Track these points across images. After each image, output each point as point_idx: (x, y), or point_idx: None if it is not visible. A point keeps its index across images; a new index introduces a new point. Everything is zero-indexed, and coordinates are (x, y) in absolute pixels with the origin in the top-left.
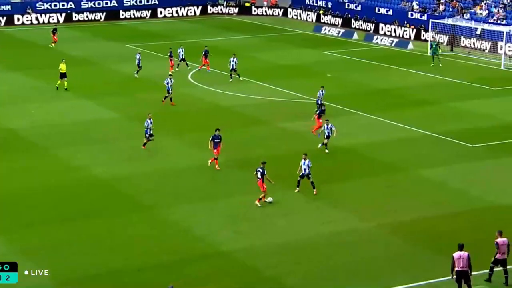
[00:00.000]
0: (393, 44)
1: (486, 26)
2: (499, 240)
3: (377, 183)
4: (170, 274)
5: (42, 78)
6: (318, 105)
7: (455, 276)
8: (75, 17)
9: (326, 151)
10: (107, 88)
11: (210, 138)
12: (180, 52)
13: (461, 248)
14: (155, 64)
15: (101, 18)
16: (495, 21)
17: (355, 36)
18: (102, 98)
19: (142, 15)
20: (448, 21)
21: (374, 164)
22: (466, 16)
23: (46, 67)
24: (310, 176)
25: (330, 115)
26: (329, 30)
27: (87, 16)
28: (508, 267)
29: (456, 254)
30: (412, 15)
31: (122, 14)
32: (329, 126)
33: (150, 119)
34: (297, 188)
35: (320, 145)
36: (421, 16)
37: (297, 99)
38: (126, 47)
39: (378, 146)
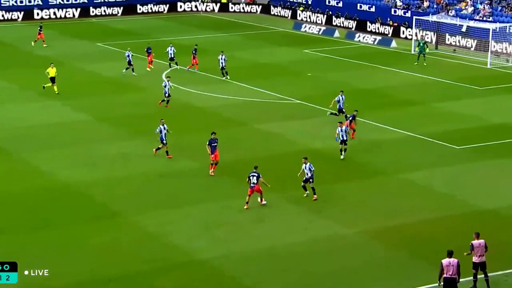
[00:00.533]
0: (375, 42)
1: (471, 23)
2: (475, 242)
3: (359, 187)
4: (142, 284)
5: (5, 79)
6: (341, 111)
7: (442, 283)
8: (37, 14)
9: (341, 157)
10: (77, 89)
11: (207, 143)
12: (169, 50)
13: (450, 254)
14: (126, 64)
15: (74, 15)
16: (481, 18)
17: (337, 33)
18: (72, 100)
19: (114, 12)
20: (433, 18)
21: (356, 167)
22: (451, 13)
23: (11, 67)
24: (311, 180)
25: (311, 116)
26: (309, 28)
27: (54, 13)
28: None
29: (445, 261)
30: (395, 11)
31: (93, 11)
32: (343, 128)
33: (163, 125)
34: (306, 192)
35: (342, 156)
36: (404, 13)
37: (276, 99)
38: (96, 45)
39: (360, 148)
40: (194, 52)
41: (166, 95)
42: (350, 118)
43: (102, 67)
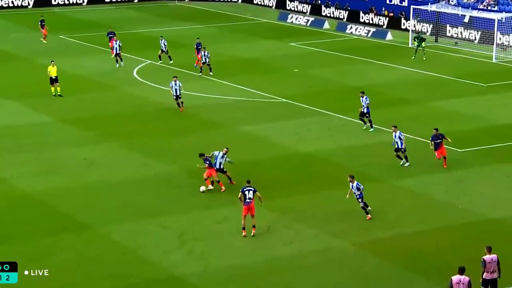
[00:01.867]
0: (369, 35)
1: (475, 13)
2: (487, 257)
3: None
4: None
5: None
6: (365, 114)
7: None
8: None
9: (403, 163)
10: (37, 87)
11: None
12: (161, 43)
13: (462, 271)
14: (94, 58)
15: (28, 4)
16: (485, 7)
17: (326, 25)
18: (31, 99)
19: (79, 1)
20: (432, 7)
21: (347, 172)
22: (452, 1)
23: None
24: (359, 200)
25: (299, 116)
26: (296, 19)
27: (12, 2)
28: None
29: (455, 278)
30: (391, 1)
31: (55, 0)
32: (397, 134)
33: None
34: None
35: (404, 163)
36: (401, 2)
37: (260, 98)
38: (59, 38)
39: (352, 151)
40: (196, 46)
41: (174, 97)
42: (436, 140)
43: (67, 62)
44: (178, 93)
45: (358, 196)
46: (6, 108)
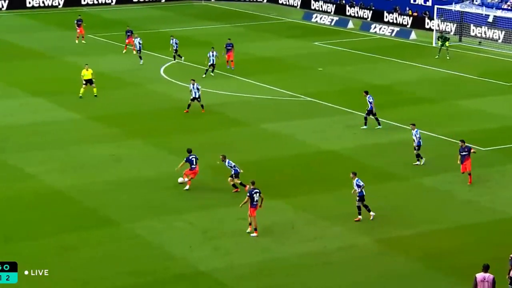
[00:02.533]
0: (393, 34)
1: (499, 13)
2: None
3: (375, 192)
4: None
5: None
6: (371, 112)
7: None
8: (29, 2)
9: (419, 162)
10: (66, 85)
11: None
12: (172, 43)
13: (486, 269)
14: (121, 57)
15: (59, 4)
16: (509, 7)
17: (350, 24)
18: (59, 96)
19: (107, 1)
20: (456, 7)
21: (370, 170)
22: (476, 1)
23: None
24: (357, 197)
25: (322, 115)
26: (320, 18)
27: (43, 2)
28: None
29: (479, 276)
30: (415, 0)
31: (84, 0)
32: (414, 133)
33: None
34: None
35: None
36: (425, 1)
37: (284, 96)
38: (87, 37)
39: (376, 149)
40: (226, 46)
41: (192, 98)
42: (462, 153)
43: (94, 61)
44: (196, 95)
45: (358, 194)
46: (34, 105)
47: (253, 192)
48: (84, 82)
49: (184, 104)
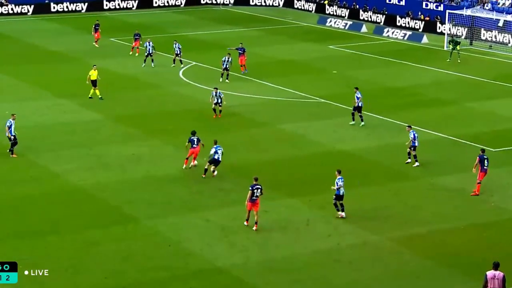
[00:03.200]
0: (405, 38)
1: (509, 18)
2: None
3: (388, 191)
4: None
5: (16, 75)
6: (357, 108)
7: None
8: (54, 7)
9: (410, 161)
10: (88, 86)
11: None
12: (175, 47)
13: (496, 266)
14: (142, 59)
15: (82, 8)
16: None
17: (364, 28)
18: (84, 98)
19: (128, 6)
20: (467, 12)
21: (384, 170)
22: (487, 6)
23: (22, 63)
24: (334, 196)
25: (337, 116)
26: (335, 22)
27: (67, 7)
28: None
29: (490, 273)
30: (427, 5)
31: (106, 5)
32: (413, 133)
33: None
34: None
35: (410, 160)
36: (437, 6)
37: (300, 98)
38: (110, 40)
39: (388, 150)
40: (241, 51)
41: (214, 104)
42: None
43: (115, 63)
44: (219, 101)
45: (336, 192)
46: (59, 106)
47: (254, 188)
48: (92, 83)
49: (203, 106)
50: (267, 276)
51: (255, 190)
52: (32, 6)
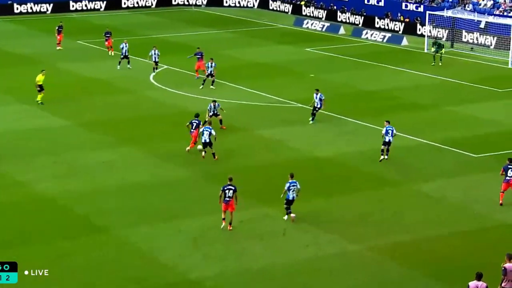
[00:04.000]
0: (385, 40)
1: (491, 19)
2: (508, 265)
3: (368, 198)
4: None
5: None
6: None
7: None
8: (17, 8)
9: (380, 158)
10: (55, 91)
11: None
12: (153, 54)
13: (479, 277)
14: (111, 63)
15: (47, 10)
16: (501, 13)
17: (342, 30)
18: (49, 103)
19: (96, 7)
20: (448, 13)
21: (362, 177)
22: (468, 7)
23: None
24: (285, 200)
25: (315, 121)
26: (312, 24)
27: (31, 8)
28: None
29: (472, 284)
30: (406, 6)
31: (73, 6)
32: (388, 128)
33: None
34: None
35: (381, 158)
36: (416, 7)
37: (276, 103)
38: (77, 43)
39: (367, 156)
40: (199, 55)
41: (210, 115)
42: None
43: (84, 66)
44: (216, 112)
45: (286, 197)
46: (24, 112)
47: (225, 188)
48: (38, 87)
49: (176, 110)
50: (244, 287)
51: (227, 191)
52: (3, 7)
